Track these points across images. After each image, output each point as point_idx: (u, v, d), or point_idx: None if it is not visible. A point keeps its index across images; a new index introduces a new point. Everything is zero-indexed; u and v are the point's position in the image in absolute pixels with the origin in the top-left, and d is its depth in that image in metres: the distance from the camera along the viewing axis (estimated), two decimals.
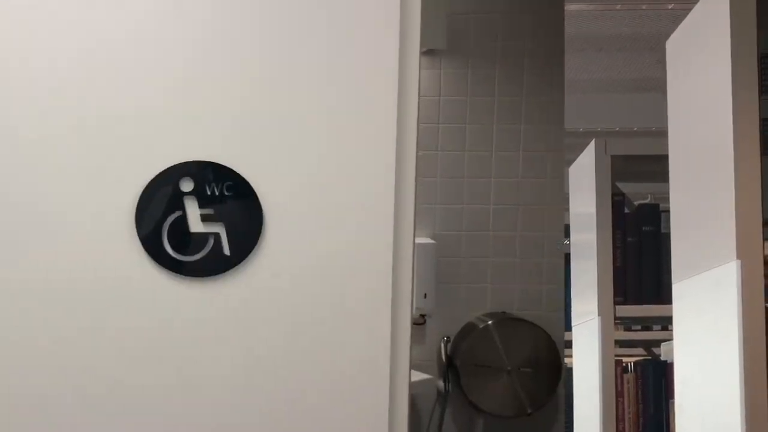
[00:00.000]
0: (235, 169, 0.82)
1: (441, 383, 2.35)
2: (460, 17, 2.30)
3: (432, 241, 2.29)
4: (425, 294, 2.28)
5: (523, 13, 2.32)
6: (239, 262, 0.82)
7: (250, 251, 0.82)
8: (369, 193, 0.83)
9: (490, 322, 2.28)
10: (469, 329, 2.32)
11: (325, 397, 0.82)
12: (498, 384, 2.29)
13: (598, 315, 1.86)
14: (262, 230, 0.82)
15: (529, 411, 2.30)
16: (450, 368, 2.33)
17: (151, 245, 0.81)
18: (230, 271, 0.81)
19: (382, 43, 0.83)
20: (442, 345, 2.35)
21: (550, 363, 2.30)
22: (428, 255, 2.27)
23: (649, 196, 2.63)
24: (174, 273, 0.82)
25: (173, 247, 0.81)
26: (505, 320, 2.29)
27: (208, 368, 0.82)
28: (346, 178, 0.83)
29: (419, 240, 2.28)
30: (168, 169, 0.82)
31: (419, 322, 2.34)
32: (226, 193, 0.82)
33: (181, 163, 0.82)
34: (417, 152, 0.84)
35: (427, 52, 2.30)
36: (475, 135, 2.32)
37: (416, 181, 0.84)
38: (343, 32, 0.84)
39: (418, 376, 2.25)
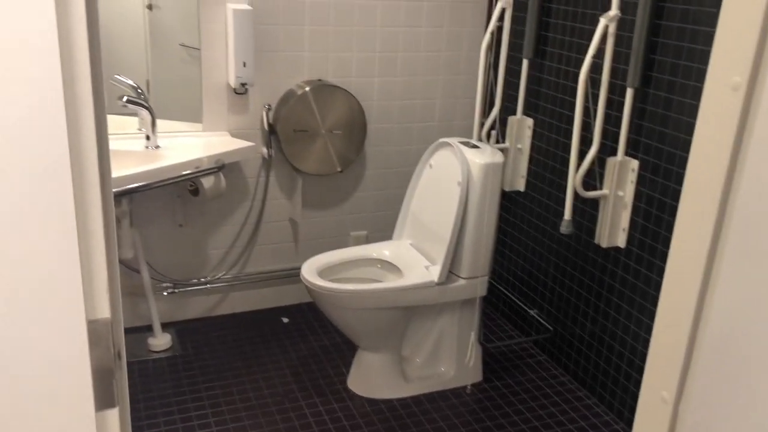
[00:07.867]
0: None
1: (264, 149, 2.45)
2: None
3: (249, 7, 2.23)
4: (244, 63, 2.27)
5: None
6: None
7: None
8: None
9: (307, 89, 2.38)
10: (288, 97, 2.39)
11: None
12: (314, 147, 2.46)
13: None
14: None
15: (340, 169, 2.53)
16: (272, 135, 2.42)
17: None
18: None
19: None
20: (264, 113, 2.40)
21: (360, 125, 2.51)
22: (245, 22, 2.22)
23: None
24: None
25: None
26: (320, 87, 2.40)
27: None
28: None
29: (235, 6, 2.22)
30: None
31: (240, 91, 2.35)
32: None
33: None
34: None
35: None
36: None
37: None
38: None
39: (242, 143, 2.32)
